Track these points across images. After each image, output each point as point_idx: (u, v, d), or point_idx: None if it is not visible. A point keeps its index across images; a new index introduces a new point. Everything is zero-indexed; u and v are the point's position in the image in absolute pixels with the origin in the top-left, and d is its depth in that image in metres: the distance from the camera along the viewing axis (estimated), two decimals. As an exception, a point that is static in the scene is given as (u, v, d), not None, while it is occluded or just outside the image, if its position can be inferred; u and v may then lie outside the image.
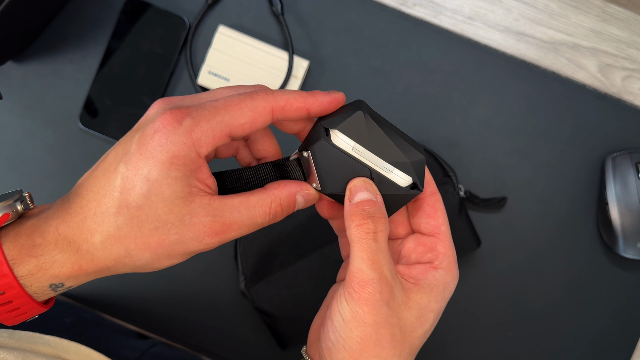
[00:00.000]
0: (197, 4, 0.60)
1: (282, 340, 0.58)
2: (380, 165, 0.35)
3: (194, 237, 0.33)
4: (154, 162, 0.31)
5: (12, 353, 0.39)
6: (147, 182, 0.31)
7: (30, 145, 0.60)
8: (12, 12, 0.51)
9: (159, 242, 0.32)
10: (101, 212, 0.32)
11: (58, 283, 0.33)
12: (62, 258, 0.32)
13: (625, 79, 0.60)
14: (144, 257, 0.33)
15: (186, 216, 0.32)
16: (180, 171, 0.32)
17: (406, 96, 0.60)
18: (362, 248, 0.34)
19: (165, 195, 0.31)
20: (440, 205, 0.38)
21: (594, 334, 0.60)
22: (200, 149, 0.32)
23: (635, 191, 0.57)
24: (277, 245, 0.57)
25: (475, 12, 0.61)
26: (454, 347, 0.61)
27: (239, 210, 0.34)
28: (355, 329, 0.34)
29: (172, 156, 0.31)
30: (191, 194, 0.32)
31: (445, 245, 0.37)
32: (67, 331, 0.52)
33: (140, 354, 0.55)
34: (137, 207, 0.31)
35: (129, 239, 0.32)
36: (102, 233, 0.32)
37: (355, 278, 0.34)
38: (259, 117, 0.33)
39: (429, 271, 0.36)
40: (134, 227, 0.32)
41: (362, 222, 0.34)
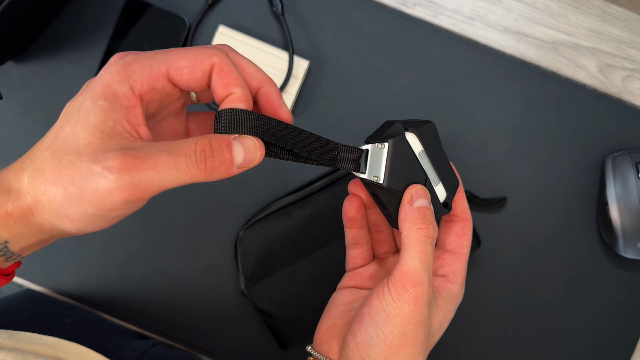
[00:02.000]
0: (197, 4, 0.60)
1: (282, 340, 0.58)
2: (431, 176, 0.38)
3: (101, 171, 0.29)
4: (89, 93, 0.31)
5: (12, 354, 0.39)
6: (78, 112, 0.31)
7: (31, 146, 0.60)
8: (12, 12, 0.51)
9: (70, 176, 0.29)
10: (37, 150, 0.31)
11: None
12: None
13: (625, 79, 0.60)
14: (56, 194, 0.30)
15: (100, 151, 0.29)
16: (109, 101, 0.30)
17: (406, 96, 0.60)
18: (421, 249, 0.35)
19: (89, 124, 0.30)
20: (469, 230, 0.41)
21: (594, 334, 0.60)
22: (135, 84, 0.31)
23: (635, 191, 0.57)
24: (277, 245, 0.57)
25: (475, 12, 0.61)
26: (454, 347, 0.61)
27: (159, 147, 0.30)
28: (399, 325, 0.35)
29: (104, 85, 0.31)
30: (114, 130, 0.30)
31: (462, 265, 0.41)
32: (66, 332, 0.52)
33: (140, 354, 0.56)
34: (64, 139, 0.30)
35: (49, 171, 0.30)
36: (31, 168, 0.31)
37: (409, 277, 0.35)
38: (199, 65, 0.32)
39: (446, 284, 0.40)
40: (56, 158, 0.30)
41: (424, 226, 0.36)
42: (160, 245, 0.60)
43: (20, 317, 0.52)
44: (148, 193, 0.30)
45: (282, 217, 0.57)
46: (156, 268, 0.60)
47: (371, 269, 0.44)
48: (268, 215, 0.58)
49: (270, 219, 0.57)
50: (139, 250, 0.60)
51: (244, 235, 0.57)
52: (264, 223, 0.57)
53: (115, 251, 0.60)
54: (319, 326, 0.41)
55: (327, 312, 0.42)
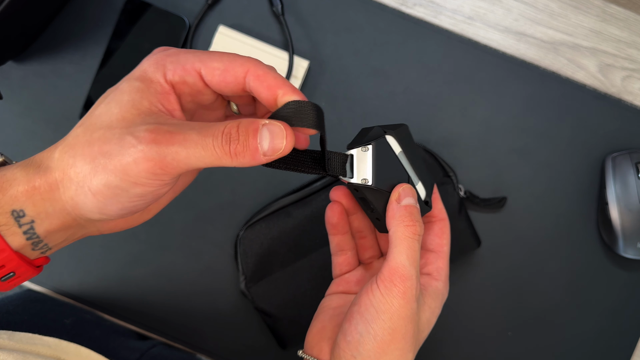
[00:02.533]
0: (197, 4, 0.60)
1: (282, 340, 0.58)
2: (412, 175, 0.40)
3: (131, 142, 0.29)
4: (126, 78, 0.33)
5: (12, 354, 0.39)
6: (113, 92, 0.32)
7: (31, 146, 0.61)
8: (12, 12, 0.51)
9: (100, 148, 0.30)
10: (71, 130, 0.33)
11: (18, 210, 0.31)
12: (20, 174, 0.31)
13: (625, 79, 0.60)
14: (84, 164, 0.30)
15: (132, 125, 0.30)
16: (145, 83, 0.32)
17: (406, 96, 0.60)
18: (409, 246, 0.37)
19: (123, 101, 0.31)
20: (447, 229, 0.43)
21: (594, 334, 0.60)
22: (167, 72, 0.33)
23: (635, 191, 0.57)
24: (277, 245, 0.57)
25: (475, 12, 0.61)
26: (454, 347, 0.61)
27: (192, 125, 0.31)
28: (388, 320, 0.36)
29: (141, 70, 0.33)
30: (150, 110, 0.31)
31: (444, 263, 0.42)
32: (66, 332, 0.52)
33: (140, 354, 0.56)
34: (97, 115, 0.32)
35: (79, 144, 0.31)
36: (62, 144, 0.32)
37: (397, 273, 0.36)
38: (232, 70, 0.33)
39: (431, 282, 0.41)
40: (88, 132, 0.31)
41: (411, 223, 0.37)
42: (160, 245, 0.60)
43: (20, 317, 0.52)
44: (173, 169, 0.30)
45: (282, 217, 0.57)
46: (156, 268, 0.60)
47: (357, 274, 0.45)
48: (268, 215, 0.58)
49: (270, 219, 0.57)
50: (139, 250, 0.60)
51: (244, 235, 0.57)
52: (264, 223, 0.57)
53: (115, 251, 0.60)
54: (309, 331, 0.42)
55: (317, 317, 0.43)
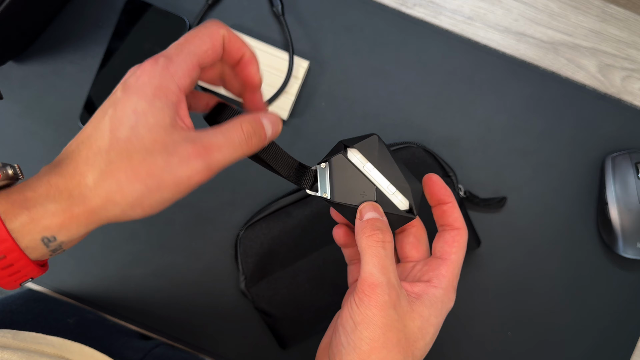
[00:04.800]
0: (197, 4, 0.60)
1: (282, 340, 0.58)
2: (384, 186, 0.40)
3: (179, 161, 0.33)
4: (140, 96, 0.33)
5: (16, 353, 0.39)
6: (134, 115, 0.33)
7: (31, 145, 0.61)
8: (13, 12, 0.51)
9: (148, 171, 0.33)
10: (93, 153, 0.33)
11: (50, 236, 0.33)
12: (53, 207, 0.32)
13: (625, 79, 0.60)
14: (134, 189, 0.33)
15: (169, 145, 0.33)
16: (163, 101, 0.34)
17: (406, 96, 0.60)
18: (373, 254, 0.37)
19: (150, 124, 0.33)
20: (460, 238, 0.41)
21: (594, 334, 0.60)
22: (179, 81, 0.35)
23: (635, 191, 0.57)
24: (277, 245, 0.57)
25: (475, 12, 0.61)
26: (454, 347, 0.61)
27: (215, 135, 0.35)
28: (364, 330, 0.36)
29: (155, 88, 0.34)
30: (172, 125, 0.34)
31: (449, 270, 0.41)
32: (70, 332, 0.52)
33: (143, 354, 0.56)
34: (126, 140, 0.33)
35: (120, 170, 0.32)
36: (95, 171, 0.32)
37: (366, 282, 0.36)
38: (216, 42, 0.37)
39: (429, 288, 0.40)
40: (124, 158, 0.33)
41: (372, 232, 0.38)
42: (160, 245, 0.60)
43: (24, 317, 0.52)
44: (215, 173, 0.35)
45: (282, 217, 0.57)
46: (156, 268, 0.60)
47: None
48: (268, 215, 0.58)
49: (270, 219, 0.57)
50: (139, 250, 0.60)
51: (244, 235, 0.57)
52: (264, 223, 0.57)
53: (115, 251, 0.60)
54: (319, 346, 0.43)
55: (327, 330, 0.43)
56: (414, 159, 0.58)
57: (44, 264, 0.36)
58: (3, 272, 0.33)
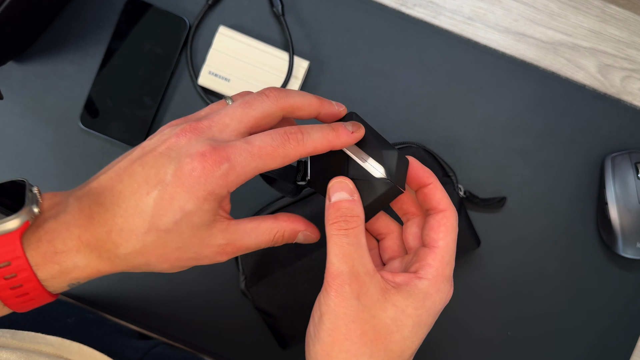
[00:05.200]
0: (197, 4, 0.60)
1: (282, 340, 0.58)
2: (357, 155, 0.38)
3: (208, 256, 0.36)
4: (191, 197, 0.34)
5: (15, 353, 0.39)
6: (180, 212, 0.34)
7: (31, 146, 0.61)
8: (13, 12, 0.51)
9: (178, 257, 0.36)
10: (128, 229, 0.34)
11: (76, 283, 0.35)
12: (83, 263, 0.34)
13: (625, 79, 0.60)
14: (161, 267, 0.36)
15: (206, 239, 0.36)
16: (211, 205, 0.35)
17: (406, 96, 0.60)
18: (334, 243, 0.36)
19: (194, 223, 0.34)
20: (446, 221, 0.39)
21: (593, 334, 0.60)
22: (231, 188, 0.35)
23: (635, 191, 0.57)
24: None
25: (475, 12, 0.61)
26: (454, 347, 0.61)
27: (249, 235, 0.37)
28: (327, 321, 0.35)
29: (207, 193, 0.34)
30: (215, 220, 0.36)
31: (437, 259, 0.38)
32: (69, 332, 0.52)
33: (143, 354, 0.55)
34: (165, 231, 0.34)
35: (152, 255, 0.35)
36: (128, 248, 0.34)
37: (328, 272, 0.36)
38: (287, 161, 0.36)
39: (412, 279, 0.37)
40: (159, 246, 0.35)
41: (335, 220, 0.37)
42: (160, 245, 0.60)
43: (23, 316, 0.52)
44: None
45: (282, 217, 0.57)
46: (156, 268, 0.60)
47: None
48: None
49: (271, 219, 0.57)
50: (139, 250, 0.60)
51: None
52: (264, 223, 0.57)
53: (115, 251, 0.60)
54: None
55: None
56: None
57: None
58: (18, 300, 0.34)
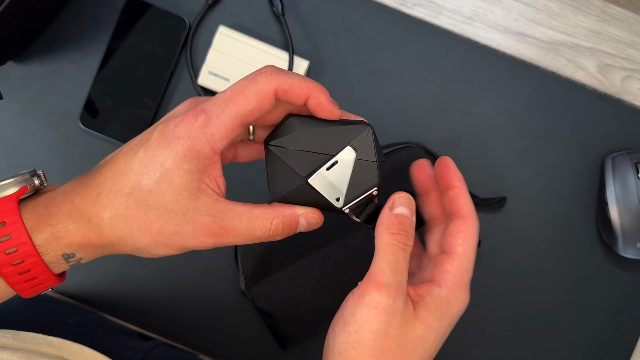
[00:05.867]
0: (197, 4, 0.60)
1: (282, 340, 0.58)
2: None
3: (191, 233, 0.34)
4: (170, 152, 0.33)
5: (16, 354, 0.39)
6: (160, 169, 0.33)
7: (31, 145, 0.61)
8: (13, 12, 0.51)
9: (160, 229, 0.34)
10: (115, 189, 0.34)
11: (70, 253, 0.34)
12: (74, 228, 0.34)
13: (625, 79, 0.60)
14: (144, 240, 0.34)
15: (189, 210, 0.33)
16: (193, 164, 0.33)
17: (406, 96, 0.60)
18: (391, 252, 0.34)
19: (174, 184, 0.33)
20: (465, 228, 0.38)
21: (594, 334, 0.60)
22: (215, 144, 0.33)
23: (635, 191, 0.57)
24: (277, 245, 0.57)
25: (475, 12, 0.61)
26: (454, 347, 0.61)
27: (240, 218, 0.35)
28: (353, 334, 0.33)
29: (187, 148, 0.33)
30: (199, 189, 0.34)
31: (455, 265, 0.37)
32: (70, 332, 0.52)
33: (143, 355, 0.56)
34: (147, 191, 0.33)
35: (134, 219, 0.33)
36: (112, 210, 0.34)
37: (374, 279, 0.34)
38: (265, 100, 0.34)
39: (432, 288, 0.36)
40: (141, 209, 0.33)
41: (397, 231, 0.35)
42: (160, 245, 0.60)
43: (24, 317, 0.52)
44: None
45: (283, 217, 0.57)
46: (157, 268, 0.60)
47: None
48: (268, 215, 0.58)
49: (271, 219, 0.57)
50: (139, 250, 0.60)
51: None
52: (264, 223, 0.57)
53: (115, 251, 0.60)
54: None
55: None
56: (414, 159, 0.58)
57: (63, 274, 0.37)
58: (25, 284, 0.34)
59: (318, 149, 0.36)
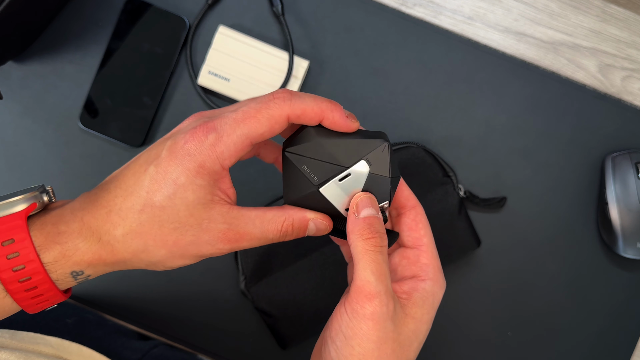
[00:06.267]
0: (197, 4, 0.60)
1: (282, 340, 0.58)
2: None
3: (208, 241, 0.35)
4: (182, 169, 0.33)
5: (14, 354, 0.39)
6: (173, 186, 0.33)
7: (31, 145, 0.61)
8: (12, 12, 0.51)
9: (176, 241, 0.34)
10: (126, 207, 0.34)
11: (79, 270, 0.34)
12: (84, 246, 0.34)
13: (625, 79, 0.60)
14: (159, 253, 0.35)
15: (204, 221, 0.34)
16: (205, 180, 0.34)
17: (406, 96, 0.60)
18: (371, 259, 0.34)
19: (188, 199, 0.34)
20: (421, 217, 0.39)
21: (594, 334, 0.60)
22: (224, 162, 0.34)
23: (635, 191, 0.57)
24: (277, 245, 0.57)
25: (475, 12, 0.61)
26: (454, 347, 0.61)
27: (254, 223, 0.35)
28: (357, 346, 0.34)
29: (198, 165, 0.34)
30: (212, 201, 0.34)
31: (429, 256, 0.38)
32: (68, 332, 0.52)
33: (142, 355, 0.55)
34: (160, 207, 0.34)
35: (149, 235, 0.34)
36: (125, 227, 0.34)
37: (362, 292, 0.34)
38: (276, 125, 0.35)
39: (418, 284, 0.37)
40: (155, 225, 0.34)
41: (370, 235, 0.35)
42: (160, 245, 0.60)
43: (23, 316, 0.52)
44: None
45: (282, 217, 0.57)
46: (156, 268, 0.60)
47: None
48: (268, 215, 0.58)
49: (271, 219, 0.57)
50: (139, 250, 0.60)
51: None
52: (264, 223, 0.57)
53: (115, 251, 0.60)
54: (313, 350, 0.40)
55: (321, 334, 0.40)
56: (414, 159, 0.58)
57: (68, 291, 0.37)
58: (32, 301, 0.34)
59: (333, 159, 0.37)
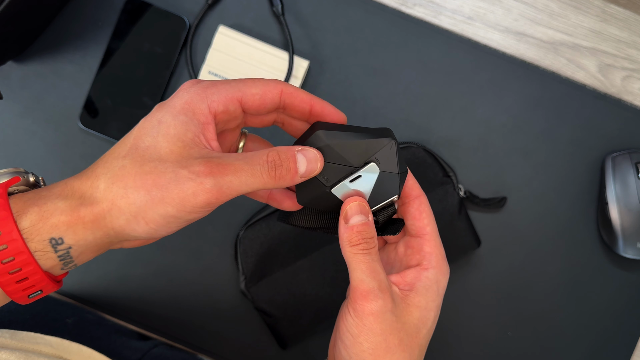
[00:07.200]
0: (197, 4, 0.60)
1: (282, 340, 0.58)
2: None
3: (188, 175, 0.32)
4: (168, 109, 0.34)
5: (14, 353, 0.39)
6: (158, 124, 0.34)
7: (31, 145, 0.61)
8: (12, 12, 0.51)
9: (155, 180, 0.32)
10: (112, 157, 0.34)
11: (57, 238, 0.32)
12: (63, 204, 0.32)
13: (625, 79, 0.60)
14: (138, 196, 0.32)
15: (183, 158, 0.33)
16: (188, 116, 0.34)
17: (406, 96, 0.60)
18: (360, 260, 0.36)
19: (170, 134, 0.33)
20: (425, 207, 0.40)
21: (594, 334, 0.60)
22: (212, 103, 0.34)
23: (635, 191, 0.57)
24: (277, 245, 0.57)
25: (475, 12, 0.61)
26: (454, 347, 0.61)
27: (236, 157, 0.34)
28: (365, 342, 0.35)
29: (184, 102, 0.34)
30: (193, 141, 0.34)
31: (432, 245, 0.39)
32: (68, 332, 0.52)
33: (142, 354, 0.56)
34: (144, 148, 0.33)
35: (129, 175, 0.32)
36: (107, 175, 0.33)
37: (358, 290, 0.35)
38: (269, 93, 0.36)
39: (421, 273, 0.38)
40: (137, 164, 0.33)
41: (357, 242, 0.36)
42: (160, 245, 0.60)
43: (22, 316, 0.52)
44: (227, 196, 0.33)
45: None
46: (156, 268, 0.60)
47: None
48: (268, 215, 0.58)
49: (270, 219, 0.57)
50: (139, 250, 0.60)
51: (244, 235, 0.57)
52: (264, 223, 0.57)
53: (115, 251, 0.60)
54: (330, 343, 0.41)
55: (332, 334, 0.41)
56: (414, 159, 0.58)
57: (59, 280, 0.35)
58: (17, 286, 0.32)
59: (343, 161, 0.37)
